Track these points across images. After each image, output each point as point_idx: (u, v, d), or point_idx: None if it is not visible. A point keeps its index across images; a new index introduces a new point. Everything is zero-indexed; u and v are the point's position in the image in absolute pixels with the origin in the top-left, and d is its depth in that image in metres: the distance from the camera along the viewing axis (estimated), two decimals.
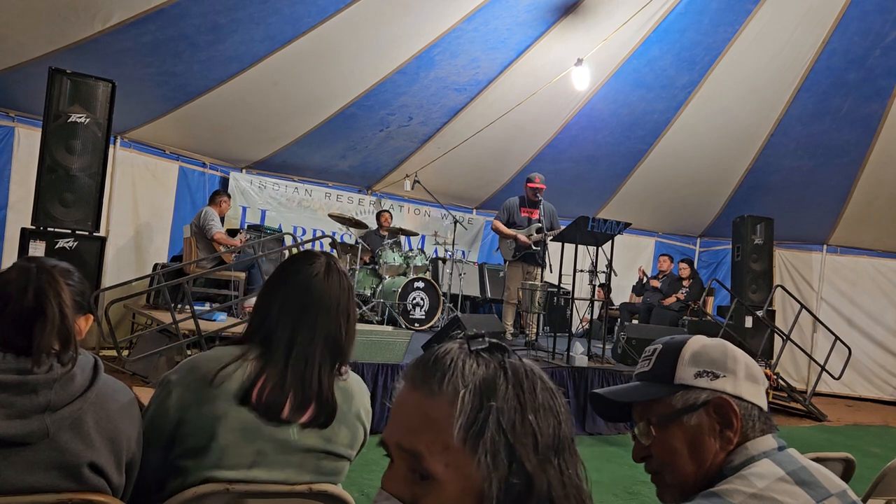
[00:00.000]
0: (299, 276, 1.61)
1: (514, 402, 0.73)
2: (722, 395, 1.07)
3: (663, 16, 7.10)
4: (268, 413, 1.49)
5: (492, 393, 0.72)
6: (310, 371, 1.53)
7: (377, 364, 4.96)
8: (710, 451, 1.06)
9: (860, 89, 7.53)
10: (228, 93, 7.01)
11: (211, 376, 1.48)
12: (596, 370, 5.91)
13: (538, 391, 0.75)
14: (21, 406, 1.25)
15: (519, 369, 0.76)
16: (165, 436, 1.49)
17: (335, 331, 1.59)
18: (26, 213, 5.41)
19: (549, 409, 0.75)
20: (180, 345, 5.25)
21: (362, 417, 1.67)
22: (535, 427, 0.73)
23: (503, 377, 0.74)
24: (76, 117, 5.34)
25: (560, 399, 0.78)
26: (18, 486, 1.25)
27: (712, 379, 1.08)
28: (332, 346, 1.59)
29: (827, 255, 9.44)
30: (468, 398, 0.72)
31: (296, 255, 1.71)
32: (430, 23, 6.77)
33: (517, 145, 8.93)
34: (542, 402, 0.75)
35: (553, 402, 0.76)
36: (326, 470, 1.59)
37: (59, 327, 1.34)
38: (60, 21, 5.62)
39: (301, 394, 1.52)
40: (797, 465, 1.03)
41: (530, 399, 0.74)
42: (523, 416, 0.73)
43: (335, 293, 1.61)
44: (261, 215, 8.77)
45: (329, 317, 1.58)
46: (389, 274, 7.80)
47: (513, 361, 0.76)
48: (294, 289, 1.59)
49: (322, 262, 1.64)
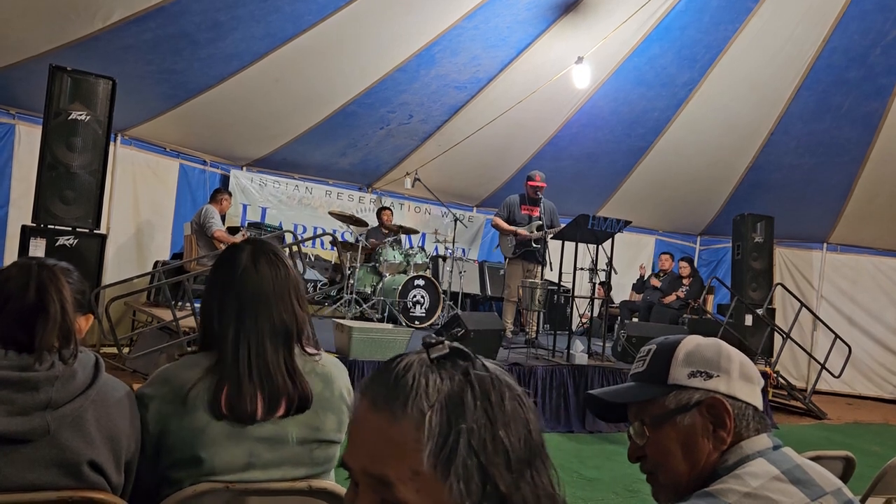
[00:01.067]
0: (228, 274, 1.57)
1: (484, 419, 0.69)
2: (715, 395, 1.07)
3: (664, 14, 7.09)
4: (241, 419, 1.47)
5: (459, 412, 0.69)
6: (265, 365, 1.50)
7: (377, 362, 4.96)
8: (703, 451, 1.06)
9: (861, 87, 7.53)
10: (229, 90, 7.01)
11: (185, 391, 1.46)
12: (596, 368, 5.92)
13: (506, 401, 0.72)
14: (22, 403, 1.25)
15: (485, 380, 0.72)
16: (150, 448, 1.47)
17: (280, 317, 1.55)
18: (27, 210, 5.42)
19: (518, 419, 0.72)
20: (181, 342, 5.25)
21: (346, 398, 1.64)
22: (506, 443, 0.70)
23: (470, 392, 0.70)
24: (77, 115, 5.34)
25: (527, 404, 0.74)
26: (19, 483, 1.25)
27: (706, 379, 1.08)
28: (282, 333, 1.55)
29: (827, 253, 9.44)
30: (435, 420, 0.68)
31: (223, 251, 1.66)
32: (430, 21, 6.76)
33: (517, 143, 8.93)
34: (511, 412, 0.72)
35: (522, 410, 0.73)
36: (320, 459, 1.58)
37: (61, 324, 1.34)
38: (61, 18, 5.62)
39: (269, 389, 1.49)
40: (791, 463, 1.03)
41: (500, 413, 0.70)
42: (494, 433, 0.69)
43: (269, 278, 1.56)
44: (261, 213, 8.77)
45: (269, 305, 1.54)
46: (390, 272, 7.80)
47: (478, 372, 0.72)
48: (226, 288, 1.55)
49: (247, 253, 1.58)
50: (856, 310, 9.21)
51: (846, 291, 9.31)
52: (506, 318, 7.03)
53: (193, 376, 1.48)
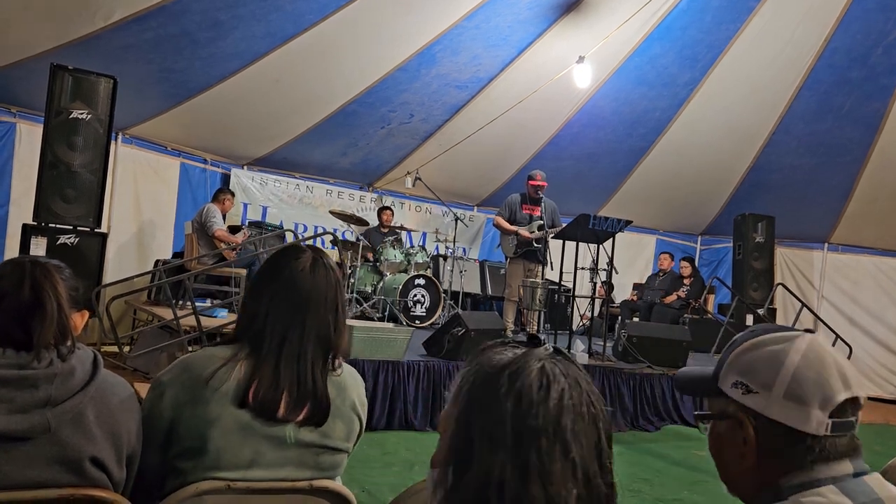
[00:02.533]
0: (286, 272, 1.59)
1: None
2: (743, 414, 0.98)
3: (665, 13, 7.09)
4: (264, 413, 1.48)
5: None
6: (303, 368, 1.52)
7: (378, 361, 4.96)
8: (734, 464, 1.00)
9: (862, 88, 7.52)
10: (230, 90, 7.01)
11: (205, 378, 1.47)
12: (597, 368, 5.92)
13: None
14: (22, 401, 1.25)
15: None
16: (161, 436, 1.48)
17: (325, 326, 1.58)
18: (28, 209, 5.43)
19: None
20: (181, 341, 5.25)
21: (357, 409, 1.66)
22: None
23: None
24: (78, 113, 5.35)
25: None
26: (20, 480, 1.25)
27: (744, 393, 0.98)
28: (323, 342, 1.57)
29: (828, 253, 9.43)
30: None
31: (281, 250, 1.69)
32: (431, 20, 6.76)
33: (518, 143, 8.93)
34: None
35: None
36: (325, 465, 1.59)
37: (58, 321, 1.34)
38: (62, 17, 5.62)
39: (296, 392, 1.51)
40: (870, 497, 0.91)
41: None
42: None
43: (323, 288, 1.59)
44: (262, 212, 8.77)
45: (318, 312, 1.57)
46: (390, 271, 7.81)
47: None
48: (282, 285, 1.58)
49: (308, 257, 1.62)
50: (857, 310, 9.20)
51: (847, 291, 9.30)
52: (506, 318, 7.03)
53: (217, 364, 1.49)
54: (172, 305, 5.43)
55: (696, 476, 4.66)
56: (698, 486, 4.40)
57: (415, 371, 5.13)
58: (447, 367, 5.26)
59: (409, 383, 5.09)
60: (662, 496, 4.14)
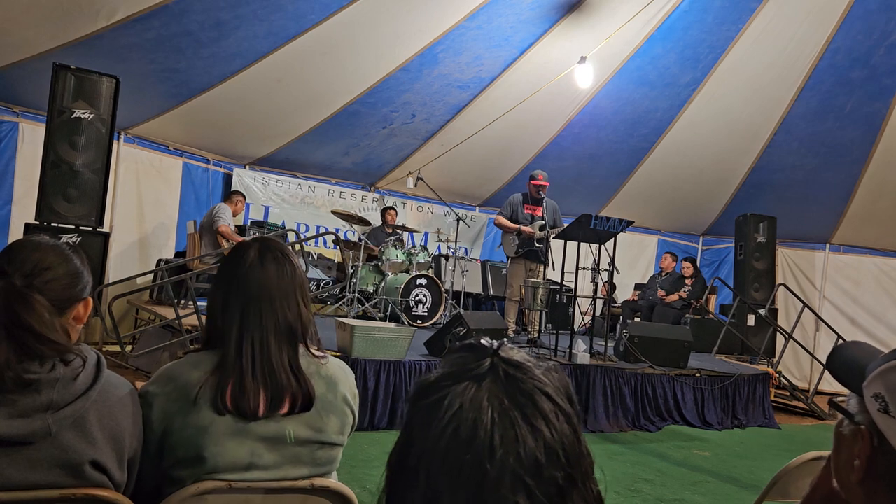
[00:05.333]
0: (234, 271, 1.58)
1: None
2: (868, 430, 0.87)
3: (667, 14, 7.09)
4: (244, 414, 1.47)
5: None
6: (269, 362, 1.51)
7: (380, 361, 4.97)
8: (843, 469, 0.92)
9: (864, 88, 7.52)
10: (232, 89, 7.02)
11: (190, 387, 1.46)
12: (598, 368, 5.92)
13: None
14: (23, 405, 1.24)
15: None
16: (153, 447, 1.47)
17: (284, 316, 1.55)
18: (30, 208, 5.44)
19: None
20: (183, 340, 5.27)
21: (349, 401, 1.65)
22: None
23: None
24: (80, 113, 5.36)
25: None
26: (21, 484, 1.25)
27: (880, 410, 0.86)
28: (287, 332, 1.55)
29: (830, 253, 9.43)
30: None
31: (231, 249, 1.66)
32: (433, 20, 6.77)
33: (520, 143, 8.94)
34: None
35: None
36: (322, 460, 1.58)
37: (45, 339, 1.29)
38: (65, 17, 5.63)
39: (272, 387, 1.50)
40: None
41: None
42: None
43: (274, 276, 1.57)
44: (264, 212, 8.79)
45: (273, 304, 1.55)
46: (392, 271, 7.81)
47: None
48: (233, 284, 1.56)
49: (254, 250, 1.59)
50: (858, 310, 9.20)
51: (849, 292, 9.30)
52: (508, 318, 7.03)
53: (198, 374, 1.49)
54: (174, 305, 5.44)
55: (698, 476, 4.67)
56: (700, 487, 4.41)
57: (416, 371, 5.13)
58: None
59: (411, 383, 5.09)
60: (663, 496, 4.15)
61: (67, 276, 1.39)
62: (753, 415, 6.58)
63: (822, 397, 8.06)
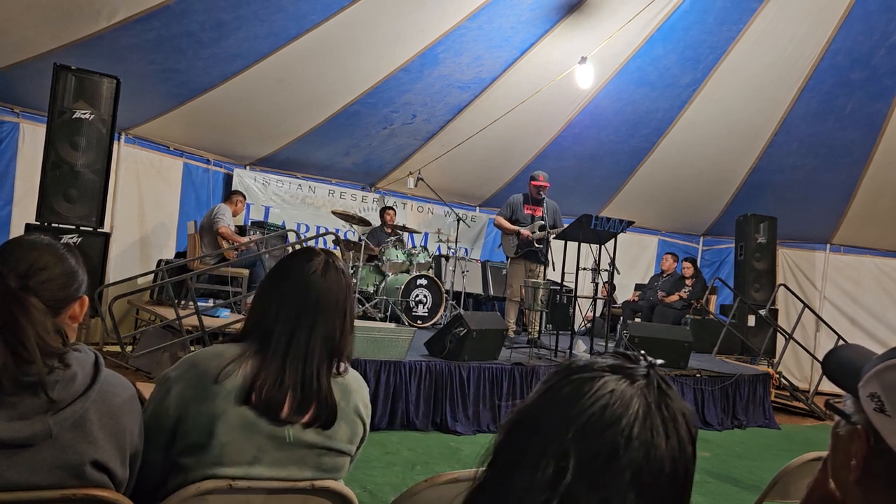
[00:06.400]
0: (298, 274, 1.60)
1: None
2: (865, 429, 0.88)
3: (668, 14, 7.09)
4: (268, 412, 1.49)
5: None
6: (308, 370, 1.53)
7: (380, 361, 4.97)
8: (841, 469, 0.92)
9: (864, 88, 7.52)
10: (232, 90, 7.02)
11: (212, 375, 1.48)
12: None
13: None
14: (23, 408, 1.24)
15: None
16: (166, 433, 1.49)
17: (333, 329, 1.59)
18: (31, 208, 5.45)
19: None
20: (183, 341, 5.27)
21: (361, 412, 1.66)
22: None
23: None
24: (81, 113, 5.37)
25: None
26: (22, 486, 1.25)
27: (876, 410, 0.86)
28: (330, 345, 1.58)
29: (830, 254, 9.43)
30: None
31: (295, 251, 1.70)
32: (434, 21, 6.77)
33: (520, 143, 8.94)
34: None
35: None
36: (327, 466, 1.59)
37: (41, 341, 1.28)
38: (65, 17, 5.63)
39: (301, 393, 1.52)
40: None
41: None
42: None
43: (334, 291, 1.60)
44: (264, 212, 8.79)
45: (327, 315, 1.58)
46: (392, 271, 7.82)
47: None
48: (293, 286, 1.59)
49: (321, 260, 1.63)
50: (858, 311, 9.20)
51: (849, 292, 9.30)
52: (508, 318, 7.03)
53: (223, 362, 1.50)
54: (175, 305, 5.44)
55: (698, 476, 4.60)
56: (700, 487, 4.41)
57: (417, 371, 5.14)
58: (449, 367, 5.26)
59: (411, 383, 5.10)
60: None
61: (63, 275, 1.38)
62: (754, 415, 6.58)
63: (822, 398, 8.04)
